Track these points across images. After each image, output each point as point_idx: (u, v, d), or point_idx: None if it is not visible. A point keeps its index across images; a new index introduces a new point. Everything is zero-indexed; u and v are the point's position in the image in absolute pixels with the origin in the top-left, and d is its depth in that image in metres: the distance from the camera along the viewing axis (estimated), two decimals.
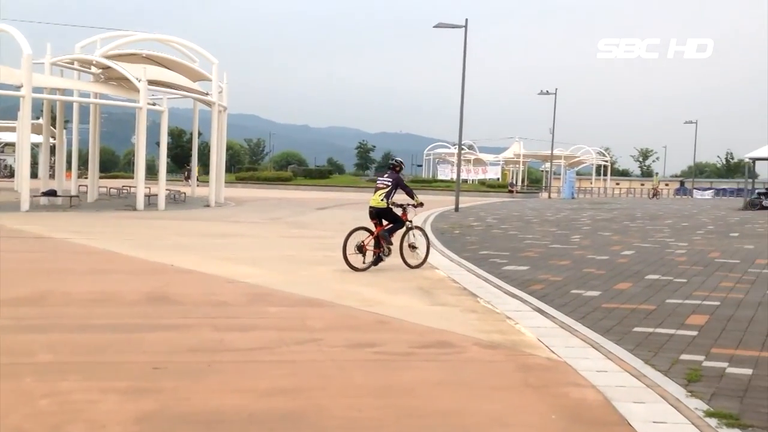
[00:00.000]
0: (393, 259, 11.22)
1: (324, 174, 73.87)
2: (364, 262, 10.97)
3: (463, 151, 53.50)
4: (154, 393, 4.73)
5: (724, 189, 73.86)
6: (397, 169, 11.61)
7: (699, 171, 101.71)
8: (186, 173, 57.63)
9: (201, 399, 4.63)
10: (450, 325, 7.06)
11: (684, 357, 5.85)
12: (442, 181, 67.23)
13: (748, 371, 5.45)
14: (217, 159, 29.66)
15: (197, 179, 37.90)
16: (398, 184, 11.34)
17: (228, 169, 60.30)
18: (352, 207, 30.80)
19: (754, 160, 39.04)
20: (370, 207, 11.43)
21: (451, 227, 19.86)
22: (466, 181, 67.46)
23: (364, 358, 5.76)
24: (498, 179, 70.95)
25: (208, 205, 27.63)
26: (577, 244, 15.28)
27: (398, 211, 11.43)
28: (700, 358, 5.83)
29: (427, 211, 26.56)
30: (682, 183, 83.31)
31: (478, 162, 77.85)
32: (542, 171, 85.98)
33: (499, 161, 79.05)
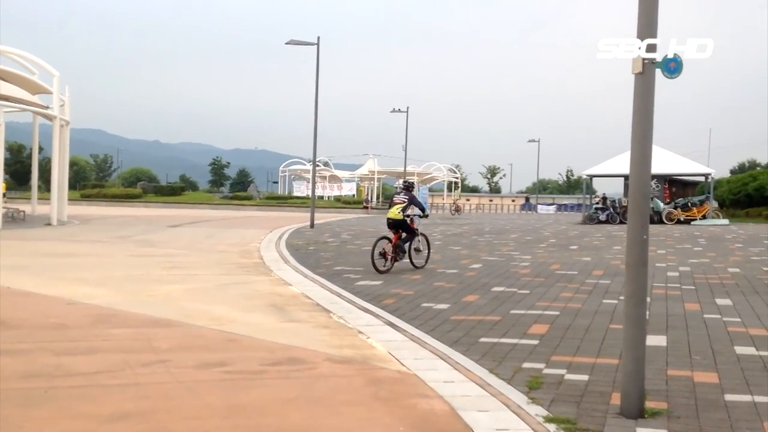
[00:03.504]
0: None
1: (176, 191, 72.12)
2: (384, 265, 13.00)
3: (318, 168, 53.63)
4: None
5: (565, 204, 77.86)
6: (411, 188, 14.03)
7: (543, 187, 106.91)
8: None
9: (35, 427, 4.37)
10: (302, 341, 7.03)
11: (526, 365, 6.10)
12: (297, 197, 67.15)
13: (585, 377, 5.74)
14: (59, 175, 28.25)
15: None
16: (412, 201, 13.63)
17: (72, 186, 57.64)
18: (206, 224, 30.15)
19: (591, 176, 41.52)
20: (389, 219, 13.60)
21: (306, 243, 19.82)
22: (321, 197, 67.70)
23: (213, 378, 5.63)
24: (353, 195, 71.67)
25: (49, 224, 26.24)
26: None
27: (408, 220, 13.57)
28: (541, 365, 6.09)
29: (282, 228, 26.44)
30: (527, 199, 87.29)
31: (334, 179, 78.33)
32: (396, 187, 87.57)
33: (355, 178, 79.89)
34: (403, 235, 13.53)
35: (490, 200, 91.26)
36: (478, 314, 8.59)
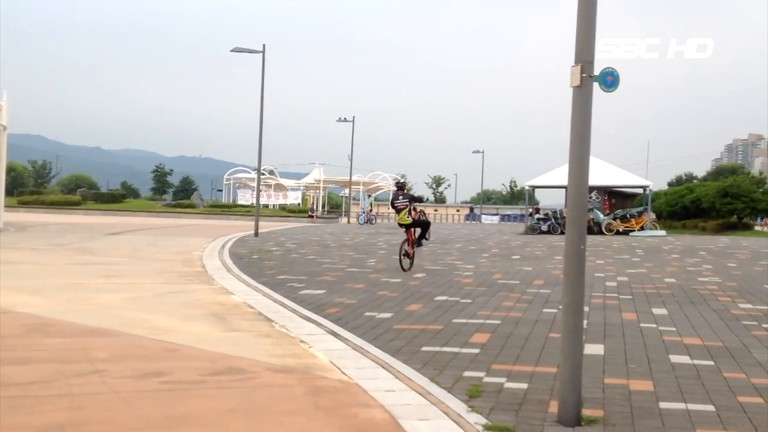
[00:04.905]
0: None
1: (117, 198, 70.91)
2: (409, 265, 15.02)
3: (263, 176, 53.26)
4: None
5: (508, 215, 78.87)
6: (404, 187, 16.11)
7: (487, 198, 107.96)
8: None
9: None
10: (243, 350, 6.96)
11: (467, 374, 6.14)
12: (242, 206, 66.59)
13: (524, 385, 5.81)
14: None
15: None
16: (412, 199, 15.46)
17: (9, 193, 56.20)
18: (147, 232, 29.70)
19: (534, 187, 42.14)
20: (399, 224, 15.52)
21: (249, 252, 19.66)
22: (266, 206, 67.23)
23: (150, 389, 5.53)
24: (299, 204, 71.36)
25: None
26: (372, 268, 15.65)
27: (420, 216, 15.61)
28: (482, 374, 6.14)
29: (225, 237, 26.18)
30: (471, 209, 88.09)
31: (279, 187, 77.81)
32: (342, 196, 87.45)
33: (300, 186, 79.48)
34: (418, 230, 15.50)
35: (435, 210, 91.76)
36: (420, 323, 8.63)
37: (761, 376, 6.22)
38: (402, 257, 14.99)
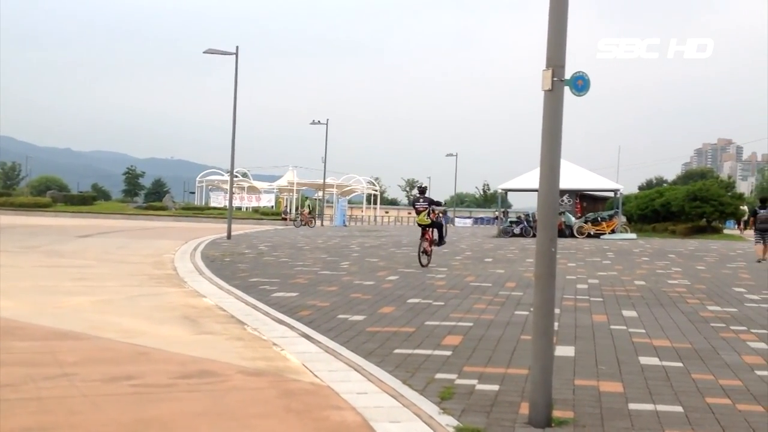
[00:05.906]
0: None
1: (87, 200, 70.25)
2: (426, 261, 16.55)
3: (236, 179, 53.02)
4: None
5: (481, 218, 79.24)
6: (425, 191, 17.49)
7: (460, 201, 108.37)
8: None
9: None
10: (215, 353, 6.92)
11: (439, 376, 6.15)
12: (215, 208, 66.23)
13: (495, 387, 5.84)
14: None
15: None
16: (431, 203, 16.84)
17: None
18: (118, 234, 29.40)
19: (506, 190, 42.43)
20: (419, 224, 16.98)
21: (222, 255, 19.54)
22: (239, 208, 66.93)
23: (120, 392, 5.48)
24: (272, 207, 71.11)
25: None
26: (345, 270, 15.63)
27: (439, 218, 17.16)
28: (453, 376, 6.16)
29: (198, 239, 26.00)
30: (444, 212, 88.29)
31: (252, 190, 77.51)
32: (315, 199, 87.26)
33: (274, 189, 79.17)
34: (435, 231, 16.85)
35: (409, 213, 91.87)
36: (393, 325, 8.63)
37: (729, 378, 6.30)
38: (420, 254, 16.53)
